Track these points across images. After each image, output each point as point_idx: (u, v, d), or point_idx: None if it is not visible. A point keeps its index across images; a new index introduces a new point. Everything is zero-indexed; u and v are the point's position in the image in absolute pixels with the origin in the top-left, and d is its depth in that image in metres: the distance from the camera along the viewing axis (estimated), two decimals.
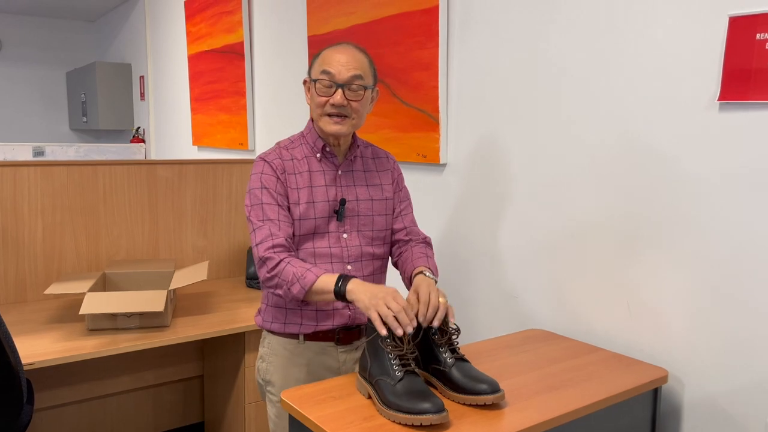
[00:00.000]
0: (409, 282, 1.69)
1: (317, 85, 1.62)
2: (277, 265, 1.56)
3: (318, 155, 1.70)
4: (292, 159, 1.69)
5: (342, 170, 1.72)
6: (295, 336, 1.70)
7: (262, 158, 1.67)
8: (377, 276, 1.76)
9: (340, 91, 1.60)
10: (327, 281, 1.53)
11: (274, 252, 1.57)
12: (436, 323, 1.47)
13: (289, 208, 1.65)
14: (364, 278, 1.70)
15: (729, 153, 1.57)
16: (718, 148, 1.59)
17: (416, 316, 1.48)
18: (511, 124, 2.13)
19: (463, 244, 2.33)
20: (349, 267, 1.69)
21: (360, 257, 1.70)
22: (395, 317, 1.41)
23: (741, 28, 1.52)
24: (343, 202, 1.68)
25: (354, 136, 1.75)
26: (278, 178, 1.65)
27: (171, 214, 2.94)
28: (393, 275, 2.24)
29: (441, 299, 1.51)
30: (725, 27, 1.55)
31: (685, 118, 1.66)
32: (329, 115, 1.63)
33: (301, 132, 1.75)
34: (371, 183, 1.76)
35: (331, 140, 1.70)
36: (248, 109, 3.74)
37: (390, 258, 1.83)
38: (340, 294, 1.51)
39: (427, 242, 1.81)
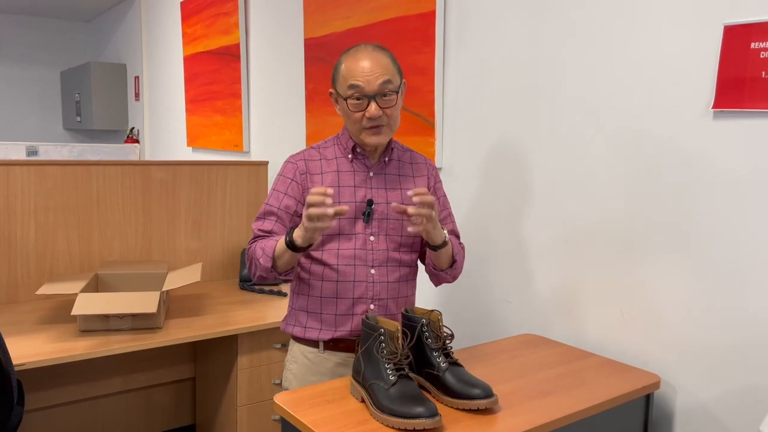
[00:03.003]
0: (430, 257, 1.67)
1: (349, 102, 1.58)
2: (249, 251, 1.63)
3: (349, 156, 1.67)
4: (321, 159, 1.68)
5: (374, 172, 1.68)
6: (315, 344, 1.69)
7: (288, 159, 1.69)
8: (403, 284, 1.71)
9: (373, 103, 1.56)
10: (282, 239, 1.54)
11: (251, 243, 1.64)
12: (414, 208, 1.46)
13: (296, 212, 1.64)
14: (389, 284, 1.66)
15: (723, 161, 1.58)
16: (713, 156, 1.60)
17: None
18: (507, 129, 2.14)
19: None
20: (372, 271, 1.65)
21: (385, 262, 1.66)
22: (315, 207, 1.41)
23: (735, 37, 1.53)
24: (370, 202, 1.65)
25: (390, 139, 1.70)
26: (293, 180, 1.65)
27: (165, 216, 2.93)
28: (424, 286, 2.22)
29: (435, 211, 1.50)
30: (720, 36, 1.56)
31: (679, 126, 1.67)
32: (367, 128, 1.60)
33: (337, 134, 1.72)
34: (405, 187, 1.70)
35: (368, 146, 1.66)
36: (243, 111, 3.73)
37: (425, 267, 1.77)
38: (291, 244, 1.50)
39: (461, 245, 1.78)
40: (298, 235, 1.48)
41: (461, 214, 2.32)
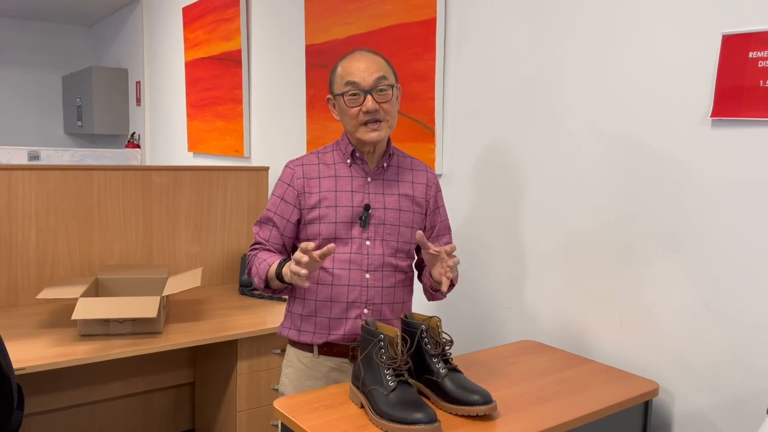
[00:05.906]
0: (429, 276, 1.69)
1: (345, 98, 1.61)
2: (249, 260, 1.70)
3: (348, 161, 1.69)
4: (320, 164, 1.70)
5: (372, 177, 1.69)
6: (310, 348, 1.71)
7: (287, 164, 1.73)
8: (399, 289, 1.72)
9: (369, 97, 1.59)
10: (273, 266, 1.59)
11: (251, 250, 1.71)
12: (444, 277, 1.52)
13: (299, 216, 1.69)
14: (384, 289, 1.68)
15: (721, 168, 1.59)
16: (711, 164, 1.61)
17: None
18: (506, 136, 2.15)
19: (456, 254, 2.34)
20: (367, 276, 1.66)
21: (381, 267, 1.67)
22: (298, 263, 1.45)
23: (734, 46, 1.54)
24: (367, 207, 1.66)
25: (388, 144, 1.72)
26: (290, 185, 1.69)
27: (165, 220, 2.94)
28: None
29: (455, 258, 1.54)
30: (718, 45, 1.57)
31: (678, 134, 1.67)
32: (365, 123, 1.62)
33: (337, 140, 1.75)
34: (403, 193, 1.71)
35: (366, 147, 1.68)
36: (244, 116, 3.75)
37: (422, 285, 1.79)
38: (279, 276, 1.56)
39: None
40: (287, 272, 1.52)
41: (461, 220, 2.33)
